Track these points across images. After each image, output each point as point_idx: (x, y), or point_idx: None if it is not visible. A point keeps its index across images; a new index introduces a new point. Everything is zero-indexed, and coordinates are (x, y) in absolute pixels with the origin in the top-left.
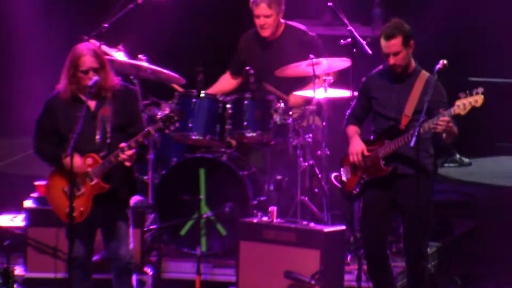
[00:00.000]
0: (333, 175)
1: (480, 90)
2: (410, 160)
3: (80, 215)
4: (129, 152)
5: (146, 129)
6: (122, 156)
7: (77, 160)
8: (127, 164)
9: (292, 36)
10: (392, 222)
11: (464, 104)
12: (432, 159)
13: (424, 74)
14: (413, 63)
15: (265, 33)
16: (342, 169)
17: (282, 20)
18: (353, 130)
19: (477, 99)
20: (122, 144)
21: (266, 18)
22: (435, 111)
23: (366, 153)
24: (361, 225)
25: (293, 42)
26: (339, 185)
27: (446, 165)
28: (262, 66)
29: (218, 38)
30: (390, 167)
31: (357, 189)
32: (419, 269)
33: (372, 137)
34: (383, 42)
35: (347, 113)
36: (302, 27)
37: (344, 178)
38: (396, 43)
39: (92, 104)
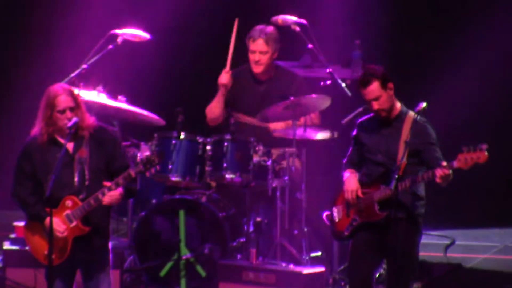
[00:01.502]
0: (324, 213)
1: (484, 146)
2: (402, 204)
3: (60, 257)
4: (112, 193)
5: (127, 172)
6: (104, 199)
7: (54, 223)
8: (113, 204)
9: (284, 79)
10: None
11: (466, 159)
12: (422, 202)
13: (411, 115)
14: (398, 105)
15: (258, 69)
16: (334, 208)
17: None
18: (348, 171)
19: (480, 155)
20: (107, 183)
21: (262, 54)
22: (424, 153)
23: (360, 194)
24: (348, 267)
25: (284, 84)
26: (329, 224)
27: None
28: (251, 105)
29: (198, 78)
30: (384, 212)
31: (348, 231)
32: None
33: (363, 179)
34: (362, 90)
35: (344, 161)
36: (293, 71)
37: (336, 218)
38: (373, 88)
39: (69, 146)
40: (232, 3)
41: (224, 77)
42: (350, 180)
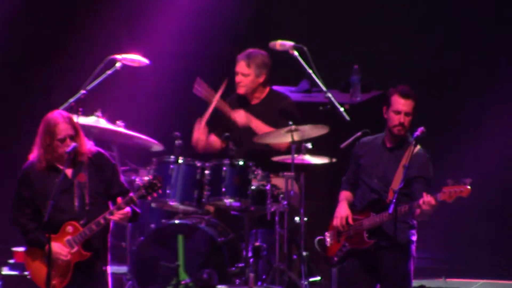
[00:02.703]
0: (316, 238)
1: (468, 181)
2: (392, 231)
3: (60, 283)
4: (124, 210)
5: (129, 196)
6: (118, 214)
7: (56, 246)
8: (123, 222)
9: (274, 103)
10: None
11: (450, 192)
12: (413, 230)
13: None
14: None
15: (240, 90)
16: (327, 233)
17: (267, 86)
18: (343, 196)
19: (463, 189)
20: (110, 209)
21: (243, 76)
22: (414, 185)
23: (350, 221)
24: None
25: (274, 108)
26: (319, 249)
27: None
28: (242, 129)
29: (196, 103)
30: (372, 240)
31: (338, 257)
32: None
33: (357, 204)
34: (400, 99)
35: (343, 179)
36: (284, 93)
37: (328, 243)
38: (411, 103)
39: (68, 172)
40: (232, 29)
41: (197, 131)
42: (341, 207)
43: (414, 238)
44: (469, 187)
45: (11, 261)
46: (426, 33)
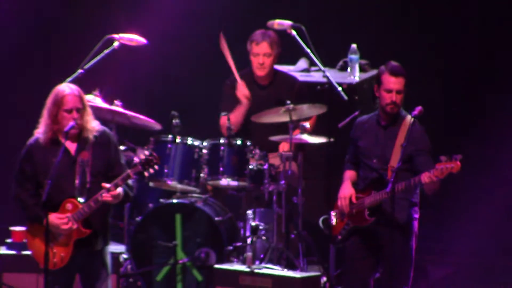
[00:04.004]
0: (321, 218)
1: (459, 157)
2: (394, 209)
3: (61, 261)
4: (114, 193)
5: (126, 173)
6: (106, 196)
7: (55, 217)
8: (114, 202)
9: (285, 83)
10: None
11: (442, 169)
12: (415, 207)
13: (408, 119)
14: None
15: (262, 72)
16: (332, 212)
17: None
18: (347, 175)
19: (453, 165)
20: (106, 185)
21: (265, 57)
22: (417, 159)
23: (354, 200)
24: (345, 271)
25: (285, 88)
26: (324, 228)
27: None
28: (253, 109)
29: (194, 83)
30: (373, 217)
31: (341, 235)
32: None
33: (360, 183)
34: (390, 78)
35: (346, 159)
36: (292, 75)
37: (333, 222)
38: (401, 81)
39: (72, 147)
40: (229, 9)
41: (243, 89)
42: (345, 186)
43: (417, 215)
44: (459, 163)
45: (9, 240)
46: (427, 12)
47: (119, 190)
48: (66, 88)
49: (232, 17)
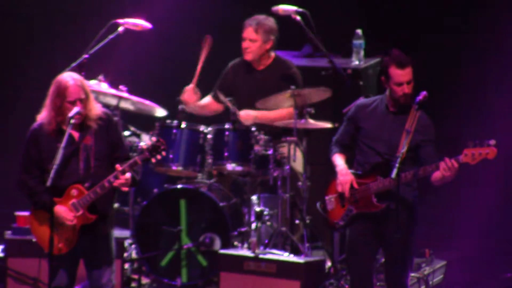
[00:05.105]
0: (318, 203)
1: (493, 142)
2: (400, 195)
3: (66, 246)
4: (126, 176)
5: (133, 159)
6: (119, 181)
7: (62, 210)
8: (124, 189)
9: (278, 69)
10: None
11: (474, 154)
12: (416, 192)
13: (414, 107)
14: None
15: (247, 56)
16: (326, 197)
17: (272, 52)
18: (340, 159)
19: (489, 151)
20: (116, 169)
21: (251, 42)
22: (423, 149)
23: (355, 185)
24: (348, 257)
25: (277, 75)
26: (322, 214)
27: None
28: (246, 94)
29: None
30: (384, 204)
31: (343, 221)
32: None
33: (358, 168)
34: (398, 70)
35: (333, 140)
36: (290, 62)
37: (328, 208)
38: (409, 71)
39: (76, 135)
40: None
41: (187, 95)
42: (343, 172)
43: (417, 200)
44: (495, 148)
45: (14, 225)
46: None
47: (128, 175)
48: (69, 78)
49: (237, 2)
